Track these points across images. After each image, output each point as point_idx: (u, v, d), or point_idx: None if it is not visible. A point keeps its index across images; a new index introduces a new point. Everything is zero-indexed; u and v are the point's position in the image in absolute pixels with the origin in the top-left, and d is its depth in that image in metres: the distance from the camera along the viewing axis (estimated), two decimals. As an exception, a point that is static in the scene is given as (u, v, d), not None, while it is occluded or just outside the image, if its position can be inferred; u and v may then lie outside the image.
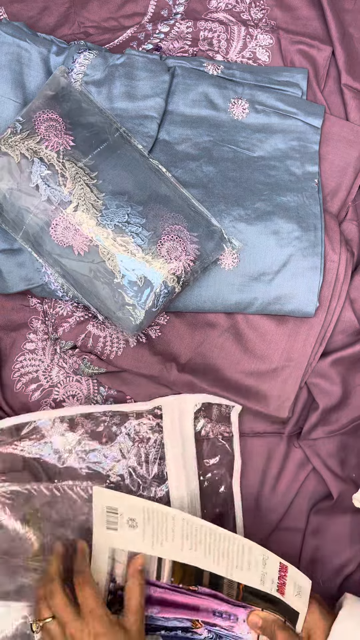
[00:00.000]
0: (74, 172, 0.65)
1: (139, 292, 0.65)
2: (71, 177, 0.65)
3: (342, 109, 0.78)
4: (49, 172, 0.65)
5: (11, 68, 0.71)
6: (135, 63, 0.72)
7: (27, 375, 0.76)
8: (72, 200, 0.64)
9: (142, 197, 0.65)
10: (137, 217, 0.65)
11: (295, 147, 0.74)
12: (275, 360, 0.71)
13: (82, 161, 0.65)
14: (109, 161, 0.66)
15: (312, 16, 0.80)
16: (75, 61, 0.72)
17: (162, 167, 0.68)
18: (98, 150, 0.66)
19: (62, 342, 0.72)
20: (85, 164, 0.65)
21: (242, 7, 0.79)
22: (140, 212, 0.65)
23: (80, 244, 0.65)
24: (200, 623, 0.61)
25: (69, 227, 0.65)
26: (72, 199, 0.64)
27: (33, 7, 0.80)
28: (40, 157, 0.65)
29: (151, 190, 0.66)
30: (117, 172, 0.66)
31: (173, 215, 0.65)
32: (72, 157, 0.65)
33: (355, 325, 0.73)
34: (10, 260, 0.71)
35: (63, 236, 0.65)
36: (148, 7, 0.80)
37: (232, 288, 0.70)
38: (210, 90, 0.74)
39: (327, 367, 0.72)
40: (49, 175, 0.65)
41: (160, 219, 0.65)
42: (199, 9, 0.79)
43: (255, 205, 0.70)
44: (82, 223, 0.65)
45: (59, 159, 0.65)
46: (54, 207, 0.65)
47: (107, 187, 0.65)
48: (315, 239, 0.70)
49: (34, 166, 0.65)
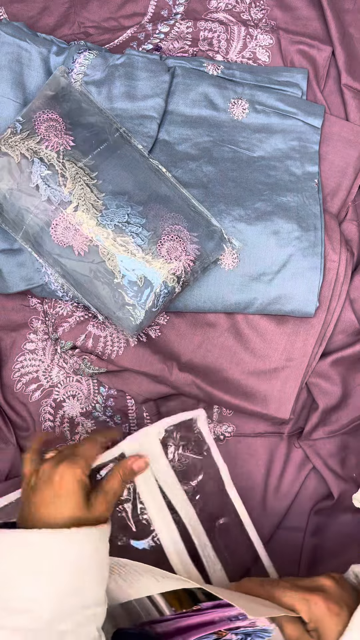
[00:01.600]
0: (74, 172, 0.65)
1: (139, 292, 0.65)
2: (71, 177, 0.64)
3: (342, 109, 0.78)
4: (49, 172, 0.64)
5: (11, 68, 0.71)
6: (135, 63, 0.72)
7: (28, 376, 0.76)
8: (72, 201, 0.64)
9: (142, 197, 0.65)
10: (137, 217, 0.65)
11: (295, 147, 0.74)
12: (275, 360, 0.71)
13: (82, 161, 0.65)
14: (109, 161, 0.66)
15: (312, 16, 0.80)
16: (76, 61, 0.72)
17: (162, 167, 0.68)
18: (98, 150, 0.66)
19: (62, 341, 0.72)
20: (85, 164, 0.65)
21: (242, 7, 0.79)
22: (140, 212, 0.65)
23: (80, 244, 0.65)
24: (224, 631, 0.60)
25: (69, 227, 0.65)
26: (72, 199, 0.64)
27: (33, 7, 0.80)
28: (41, 157, 0.65)
29: (151, 190, 0.66)
30: (117, 172, 0.66)
31: (173, 215, 0.65)
32: (72, 157, 0.65)
33: (355, 325, 0.73)
34: (10, 260, 0.71)
35: (63, 236, 0.65)
36: (148, 7, 0.80)
37: (232, 288, 0.69)
38: (210, 91, 0.74)
39: (327, 367, 0.72)
40: (49, 175, 0.65)
41: (160, 219, 0.65)
42: (199, 9, 0.79)
43: (255, 206, 0.70)
44: (82, 223, 0.65)
45: (59, 159, 0.65)
46: (54, 207, 0.65)
47: (107, 187, 0.65)
48: (315, 239, 0.70)
49: (34, 166, 0.65)
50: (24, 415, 0.76)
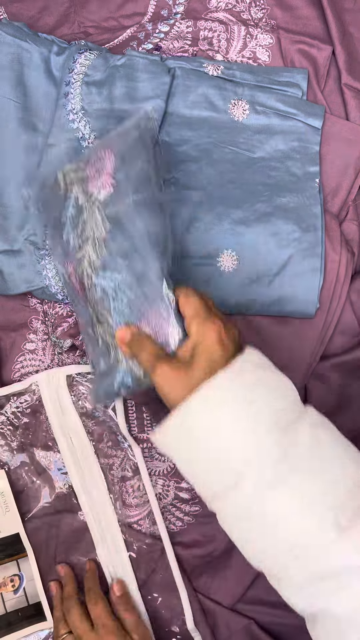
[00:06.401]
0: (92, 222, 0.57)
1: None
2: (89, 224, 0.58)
3: (342, 109, 0.78)
4: (73, 213, 0.59)
5: (12, 68, 0.71)
6: (135, 64, 0.72)
7: (28, 376, 0.76)
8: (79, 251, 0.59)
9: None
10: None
11: (295, 147, 0.74)
12: (275, 361, 0.71)
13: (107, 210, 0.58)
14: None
15: (312, 16, 0.80)
16: (76, 61, 0.72)
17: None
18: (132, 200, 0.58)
19: (61, 341, 0.72)
20: (107, 214, 0.57)
21: (242, 7, 0.79)
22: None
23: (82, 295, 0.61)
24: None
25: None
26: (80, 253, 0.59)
27: (33, 7, 0.80)
28: (77, 194, 0.58)
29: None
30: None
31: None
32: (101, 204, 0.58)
33: (355, 326, 0.73)
34: (11, 261, 0.71)
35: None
36: (148, 7, 0.80)
37: (232, 290, 0.70)
38: (210, 92, 0.73)
39: (327, 370, 0.72)
40: (73, 215, 0.59)
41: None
42: (199, 8, 0.79)
43: (255, 207, 0.70)
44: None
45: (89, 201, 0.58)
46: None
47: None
48: (315, 239, 0.70)
49: (68, 201, 0.58)
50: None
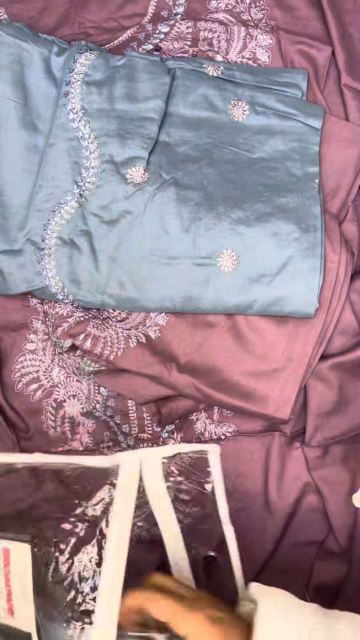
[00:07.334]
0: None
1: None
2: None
3: (342, 109, 0.78)
4: None
5: (12, 69, 0.71)
6: (136, 65, 0.72)
7: (28, 376, 0.76)
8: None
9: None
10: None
11: (295, 148, 0.74)
12: (275, 361, 0.71)
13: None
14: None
15: (312, 16, 0.80)
16: (77, 61, 0.72)
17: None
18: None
19: (61, 341, 0.72)
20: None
21: (242, 8, 0.79)
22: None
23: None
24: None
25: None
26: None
27: (33, 8, 0.80)
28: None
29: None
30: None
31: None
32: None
33: (355, 326, 0.73)
34: (11, 261, 0.71)
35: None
36: (148, 8, 0.80)
37: (232, 290, 0.70)
38: (210, 92, 0.73)
39: (326, 370, 0.72)
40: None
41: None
42: (199, 9, 0.79)
43: (255, 207, 0.70)
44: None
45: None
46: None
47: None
48: (315, 239, 0.70)
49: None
50: (24, 416, 0.76)
